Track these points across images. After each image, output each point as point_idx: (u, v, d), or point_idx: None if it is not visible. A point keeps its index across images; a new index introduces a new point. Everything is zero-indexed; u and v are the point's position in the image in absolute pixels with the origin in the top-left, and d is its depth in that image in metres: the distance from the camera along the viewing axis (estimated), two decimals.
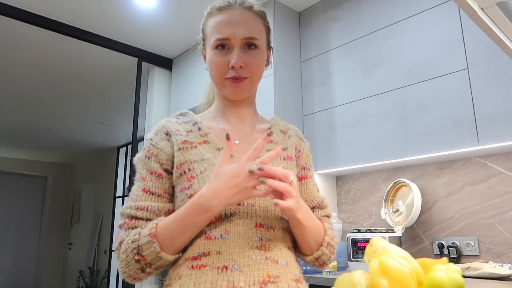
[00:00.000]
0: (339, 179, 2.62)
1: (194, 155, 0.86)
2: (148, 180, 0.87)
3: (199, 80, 3.12)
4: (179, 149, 0.88)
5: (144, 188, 0.87)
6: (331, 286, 1.73)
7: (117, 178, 6.93)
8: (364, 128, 2.21)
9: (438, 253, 2.04)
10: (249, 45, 0.89)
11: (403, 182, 2.16)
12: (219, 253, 0.77)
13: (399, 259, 0.45)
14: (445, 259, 0.48)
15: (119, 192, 6.76)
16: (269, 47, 0.98)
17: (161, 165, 0.88)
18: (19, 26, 2.93)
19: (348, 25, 2.42)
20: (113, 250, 6.62)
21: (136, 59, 3.35)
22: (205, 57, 0.98)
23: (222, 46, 0.89)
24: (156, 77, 3.48)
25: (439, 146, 1.89)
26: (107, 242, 6.91)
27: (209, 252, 0.78)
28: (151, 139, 0.92)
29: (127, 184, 6.44)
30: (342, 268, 2.22)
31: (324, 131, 2.42)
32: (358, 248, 2.06)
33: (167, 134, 0.92)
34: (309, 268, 2.06)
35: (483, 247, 1.92)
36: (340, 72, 2.41)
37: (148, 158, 0.90)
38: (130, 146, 5.99)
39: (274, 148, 0.81)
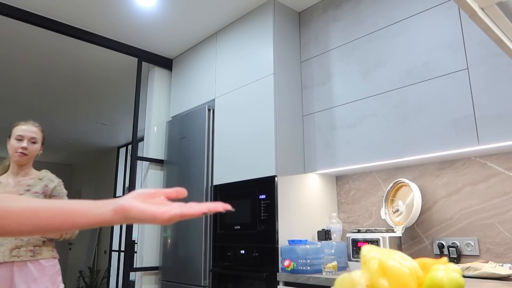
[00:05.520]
0: (339, 179, 2.62)
1: None
2: None
3: (199, 80, 3.12)
4: None
5: None
6: (331, 286, 1.73)
7: (117, 178, 6.93)
8: (364, 128, 2.21)
9: (438, 253, 2.04)
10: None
11: (403, 182, 2.16)
12: None
13: (399, 259, 0.45)
14: (445, 259, 0.47)
15: (119, 192, 6.76)
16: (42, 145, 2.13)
17: None
18: (19, 26, 2.93)
19: (348, 25, 2.42)
20: (114, 250, 6.62)
21: (136, 59, 3.35)
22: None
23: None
24: (156, 77, 3.48)
25: (439, 146, 1.89)
26: (107, 242, 6.90)
27: None
28: None
29: (127, 184, 6.44)
30: (342, 268, 2.22)
31: (324, 131, 2.42)
32: (358, 248, 2.06)
33: None
34: (309, 268, 2.06)
35: (483, 247, 1.92)
36: (340, 72, 2.41)
37: None
38: (130, 146, 5.99)
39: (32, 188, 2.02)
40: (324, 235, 2.33)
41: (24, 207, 0.66)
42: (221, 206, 0.66)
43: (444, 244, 2.02)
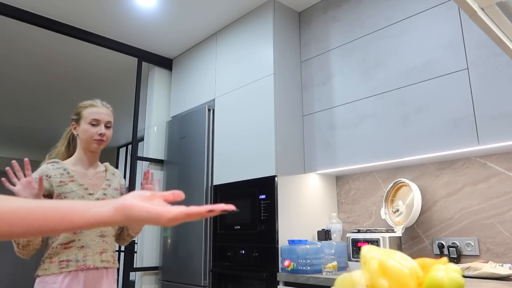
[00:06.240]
0: (339, 179, 2.62)
1: (67, 189, 1.56)
2: None
3: (199, 80, 3.12)
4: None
5: None
6: (331, 286, 1.73)
7: None
8: (364, 128, 2.21)
9: (438, 253, 2.04)
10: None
11: (403, 182, 2.16)
12: (79, 240, 1.53)
13: (399, 259, 0.45)
14: (445, 259, 0.47)
15: None
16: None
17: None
18: (19, 26, 2.93)
19: (348, 25, 2.42)
20: None
21: (136, 59, 3.35)
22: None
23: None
24: (156, 77, 3.48)
25: (439, 146, 1.89)
26: None
27: (74, 240, 1.52)
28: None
29: (127, 184, 6.42)
30: (342, 268, 2.22)
31: (324, 131, 2.42)
32: (358, 248, 2.06)
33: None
34: (309, 268, 2.06)
35: (483, 247, 1.92)
36: (340, 72, 2.41)
37: None
38: (130, 146, 5.98)
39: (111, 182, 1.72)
40: (324, 235, 2.33)
41: (16, 207, 0.61)
42: (226, 206, 0.63)
43: (444, 244, 2.02)
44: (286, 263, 2.09)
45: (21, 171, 1.39)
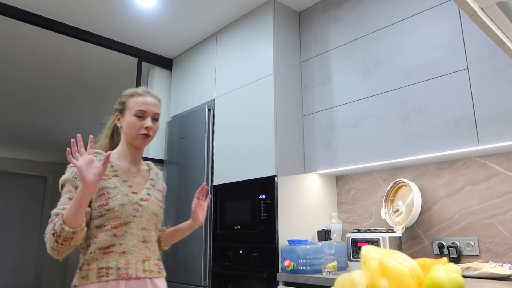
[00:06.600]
0: (339, 179, 2.62)
1: (110, 184, 1.39)
2: (72, 192, 1.32)
3: (199, 80, 3.12)
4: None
5: (69, 197, 1.31)
6: (331, 286, 1.73)
7: None
8: (364, 128, 2.21)
9: (438, 253, 2.04)
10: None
11: (403, 182, 2.16)
12: (120, 244, 1.34)
13: (399, 259, 0.45)
14: (445, 259, 0.47)
15: None
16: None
17: None
18: (20, 26, 2.93)
19: (348, 25, 2.42)
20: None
21: (136, 59, 3.35)
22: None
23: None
24: (156, 77, 3.48)
25: (439, 146, 1.89)
26: None
27: (114, 244, 1.33)
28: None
29: None
30: (342, 268, 2.22)
31: (324, 131, 2.42)
32: (358, 248, 2.06)
33: None
34: (309, 268, 2.06)
35: (483, 247, 1.92)
36: (340, 72, 2.41)
37: (75, 178, 1.35)
38: None
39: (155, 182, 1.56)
40: (324, 235, 2.33)
41: None
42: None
43: (444, 244, 2.02)
44: (286, 263, 2.09)
45: (83, 147, 1.27)
